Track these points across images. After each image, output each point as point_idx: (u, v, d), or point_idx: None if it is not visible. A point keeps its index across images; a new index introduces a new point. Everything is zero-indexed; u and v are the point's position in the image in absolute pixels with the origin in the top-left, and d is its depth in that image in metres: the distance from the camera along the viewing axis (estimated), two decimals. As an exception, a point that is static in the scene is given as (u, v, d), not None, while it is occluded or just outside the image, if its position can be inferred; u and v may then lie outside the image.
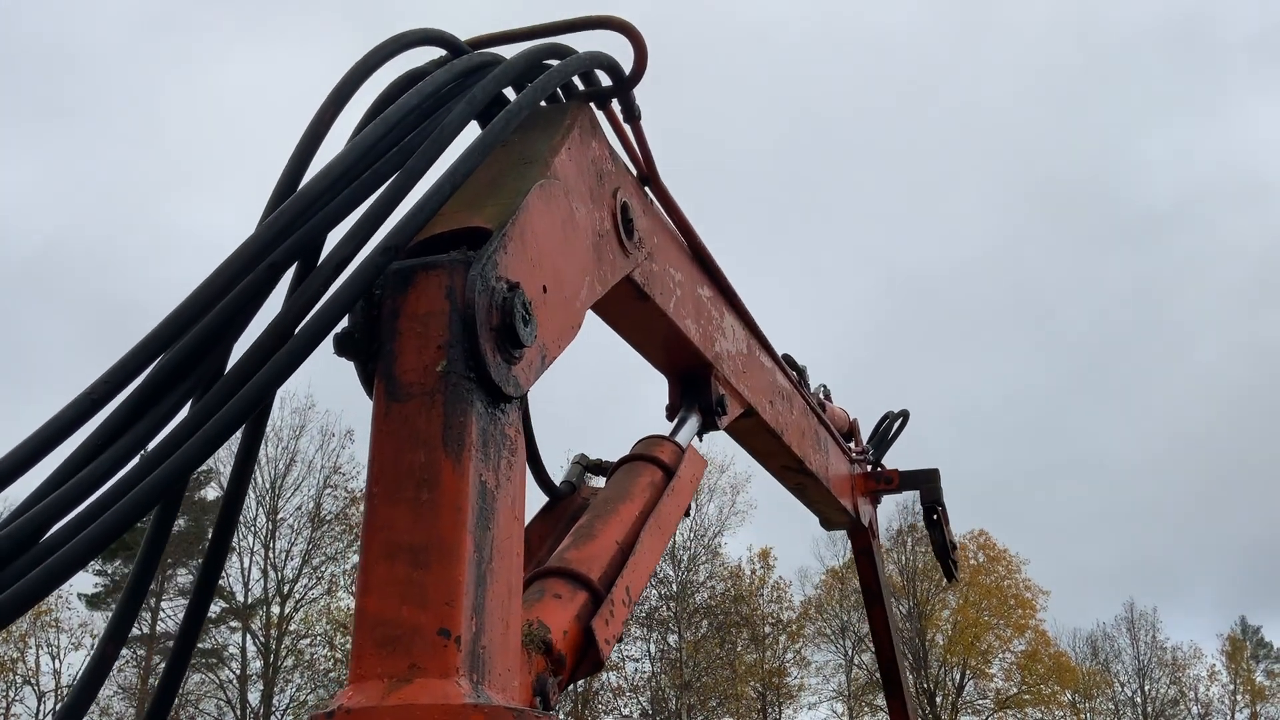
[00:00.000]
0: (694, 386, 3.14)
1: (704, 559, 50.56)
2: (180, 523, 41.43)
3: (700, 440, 3.16)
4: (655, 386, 3.33)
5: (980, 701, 54.40)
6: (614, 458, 2.91)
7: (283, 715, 38.47)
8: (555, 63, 2.34)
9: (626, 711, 47.66)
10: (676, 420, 3.08)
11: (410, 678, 1.54)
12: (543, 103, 2.40)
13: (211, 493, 40.41)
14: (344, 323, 1.77)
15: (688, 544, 50.32)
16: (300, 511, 40.66)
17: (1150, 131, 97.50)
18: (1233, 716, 62.40)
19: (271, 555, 39.75)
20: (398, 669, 1.56)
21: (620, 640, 2.42)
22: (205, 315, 1.72)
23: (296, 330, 1.72)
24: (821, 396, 4.92)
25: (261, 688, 39.25)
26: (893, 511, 53.79)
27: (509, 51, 2.33)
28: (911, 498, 5.51)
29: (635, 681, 48.16)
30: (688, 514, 2.84)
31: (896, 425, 5.35)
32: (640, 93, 2.53)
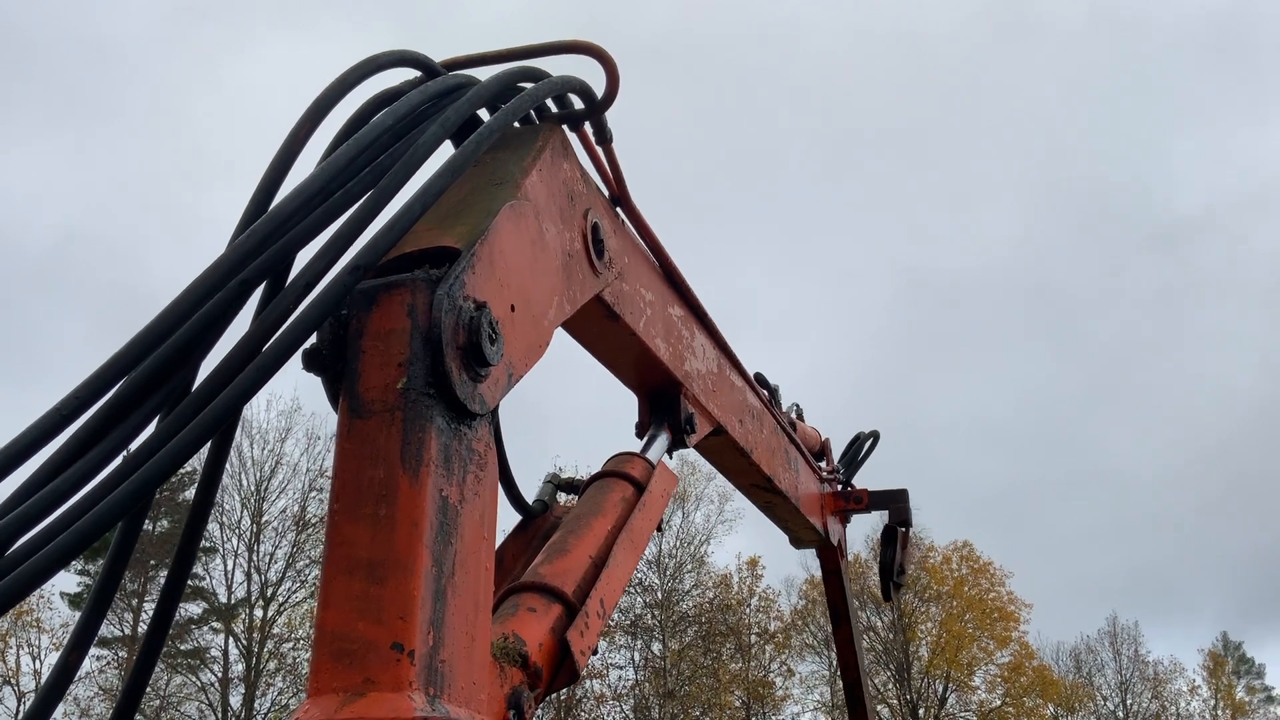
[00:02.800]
0: (663, 404, 3.17)
1: (690, 567, 50.54)
2: (164, 524, 41.45)
3: (670, 458, 3.20)
4: (626, 403, 3.38)
5: (963, 714, 54.44)
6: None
7: (264, 718, 38.33)
8: (529, 85, 2.37)
9: (610, 719, 47.62)
10: (646, 438, 3.11)
11: (364, 691, 1.57)
12: (516, 124, 2.44)
13: (194, 494, 40.35)
14: (313, 339, 1.80)
15: (674, 552, 50.30)
16: (285, 515, 40.59)
17: (1184, 136, 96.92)
18: None
19: (255, 558, 39.66)
20: (352, 683, 1.58)
21: (595, 652, 2.45)
22: (175, 332, 1.75)
23: (265, 347, 1.74)
24: (793, 416, 4.96)
25: (243, 690, 39.11)
26: (876, 520, 53.71)
27: (484, 74, 2.36)
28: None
29: (619, 689, 48.09)
30: (660, 529, 2.88)
31: (867, 445, 5.39)
32: (612, 115, 2.57)
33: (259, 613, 39.74)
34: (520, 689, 1.99)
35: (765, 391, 4.42)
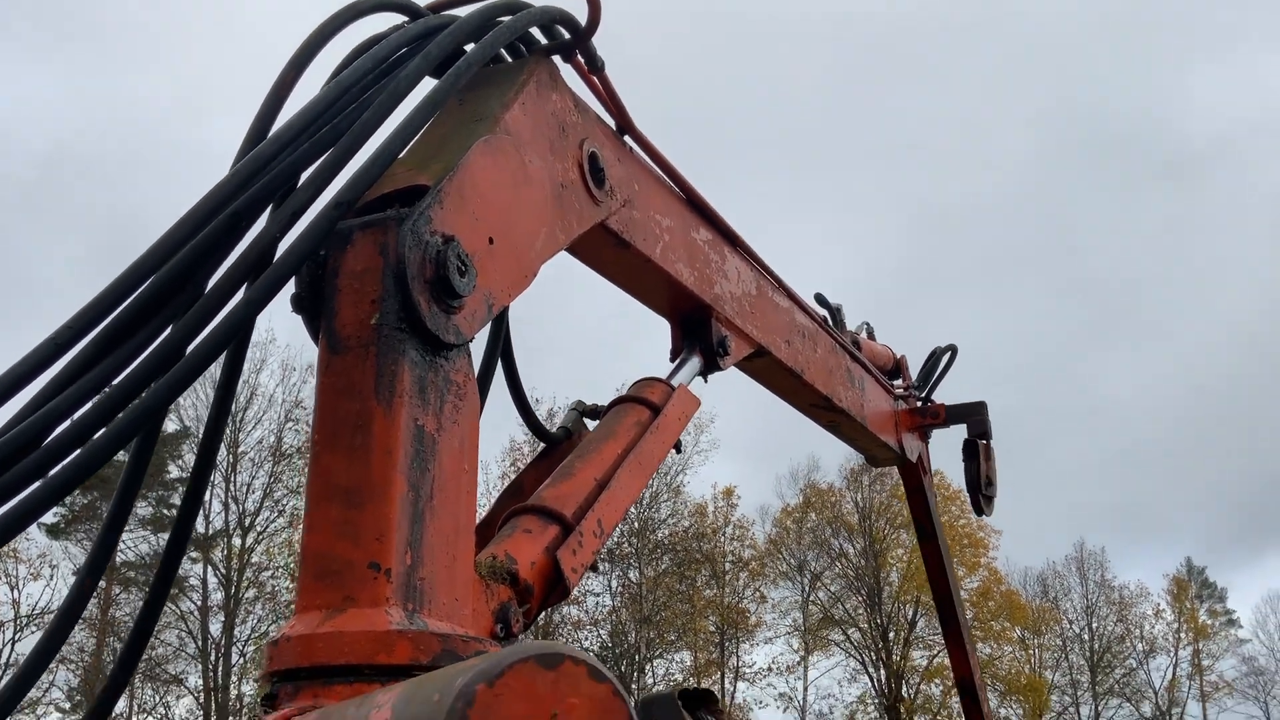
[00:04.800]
0: (694, 329, 3.18)
1: (666, 496, 50.94)
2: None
3: (705, 381, 3.22)
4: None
5: (932, 636, 55.41)
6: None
7: (244, 646, 38.76)
8: (508, 18, 2.37)
9: (587, 644, 48.31)
10: (677, 363, 3.14)
11: (344, 608, 1.67)
12: (508, 59, 2.47)
13: (171, 425, 40.28)
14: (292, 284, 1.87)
15: (650, 481, 50.66)
16: (261, 445, 40.67)
17: (1200, 65, 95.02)
18: (1176, 653, 63.56)
19: (232, 489, 39.78)
20: (333, 600, 1.69)
21: (596, 569, 2.52)
22: (171, 259, 1.81)
23: (260, 278, 1.82)
24: (864, 335, 4.94)
25: (223, 619, 39.47)
26: (849, 451, 54.29)
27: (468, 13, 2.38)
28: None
29: (596, 615, 48.66)
30: (678, 449, 2.90)
31: (945, 360, 5.32)
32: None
33: (237, 542, 40.00)
34: (508, 605, 2.06)
35: (825, 311, 4.43)
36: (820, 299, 4.48)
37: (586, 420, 3.02)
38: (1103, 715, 61.97)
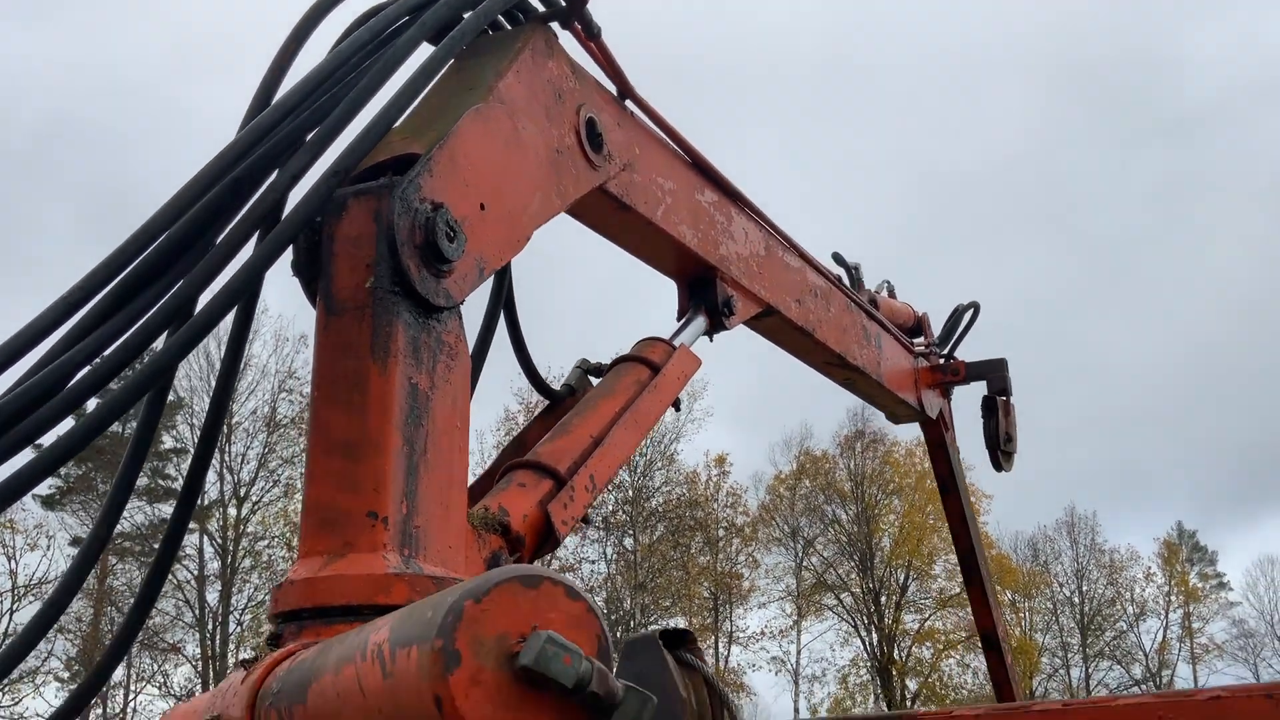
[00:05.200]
0: (700, 289, 3.23)
1: (660, 464, 51.08)
2: (134, 425, 41.28)
3: (711, 340, 3.28)
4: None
5: (923, 600, 55.69)
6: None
7: (241, 615, 39.01)
8: None
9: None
10: (681, 322, 3.19)
11: (344, 553, 1.78)
12: (507, 26, 2.54)
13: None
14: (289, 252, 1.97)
15: (644, 450, 50.86)
16: (255, 416, 40.75)
17: (1200, 25, 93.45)
18: (1166, 616, 63.77)
19: (227, 459, 39.87)
20: (334, 546, 1.79)
21: (588, 522, 2.57)
22: (178, 221, 1.90)
23: (266, 240, 1.91)
24: (884, 293, 4.99)
25: (220, 588, 39.68)
26: (842, 418, 54.42)
27: None
28: (860, 406, 5.61)
29: (591, 582, 48.91)
30: (676, 406, 2.96)
31: (967, 318, 5.35)
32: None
33: (232, 512, 40.16)
34: (499, 553, 2.16)
35: (843, 270, 4.49)
36: (837, 258, 4.52)
37: (591, 378, 3.08)
38: (1093, 677, 62.15)
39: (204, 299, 1.90)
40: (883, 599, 53.49)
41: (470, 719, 1.02)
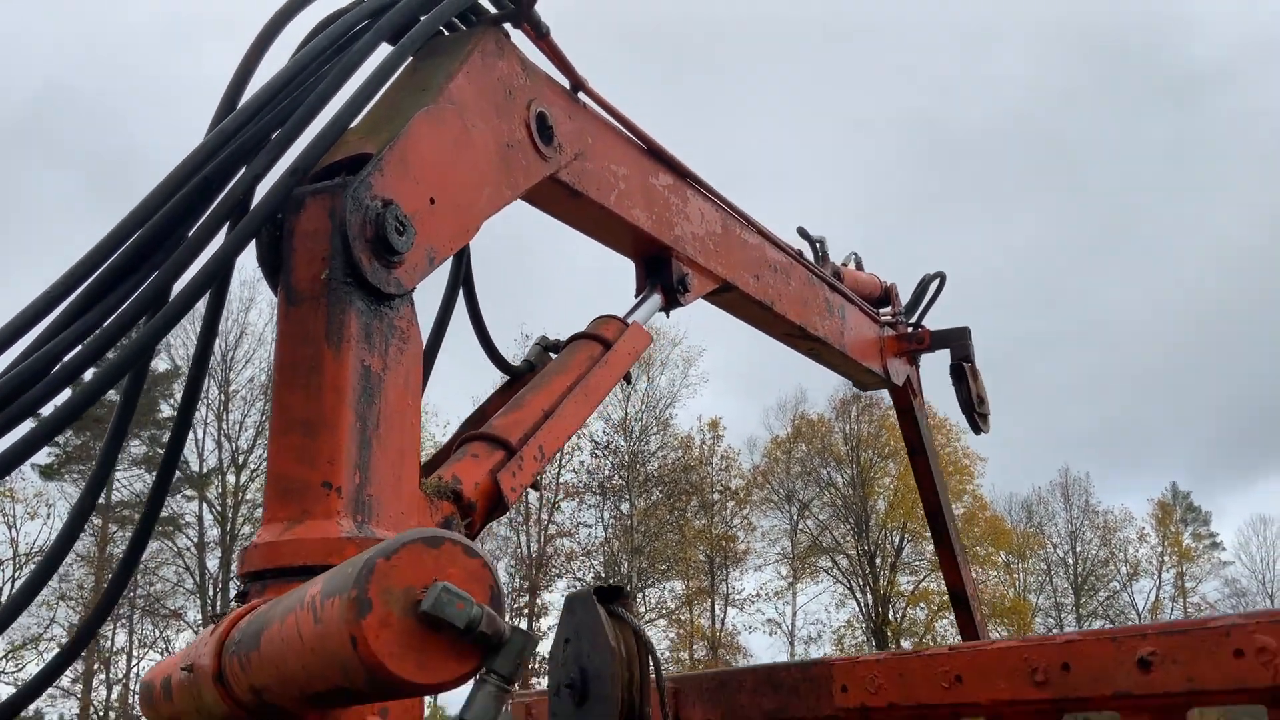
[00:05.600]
0: (656, 268, 3.38)
1: (655, 430, 51.24)
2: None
3: (668, 315, 3.43)
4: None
5: (917, 562, 56.02)
6: None
7: (241, 581, 39.39)
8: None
9: (581, 575, 48.92)
10: (637, 300, 3.33)
11: (302, 520, 1.98)
12: (463, 27, 2.69)
13: (161, 364, 40.53)
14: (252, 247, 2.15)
15: (639, 415, 50.99)
16: (252, 384, 40.98)
17: None
18: (1159, 576, 64.18)
19: (225, 426, 40.14)
20: (293, 514, 1.99)
21: (537, 487, 2.74)
22: (151, 218, 2.08)
23: (226, 235, 2.10)
24: (851, 265, 5.14)
25: (219, 554, 40.06)
26: (838, 382, 54.58)
27: None
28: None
29: (589, 546, 49.15)
30: (628, 380, 3.13)
31: (933, 288, 5.51)
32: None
33: (231, 479, 40.48)
34: (451, 518, 2.34)
35: (809, 244, 4.62)
36: (802, 232, 4.66)
37: (551, 354, 3.22)
38: None
39: (179, 287, 2.09)
40: (878, 561, 53.90)
41: (379, 655, 1.23)
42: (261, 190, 2.15)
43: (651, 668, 2.19)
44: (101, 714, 40.98)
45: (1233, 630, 1.55)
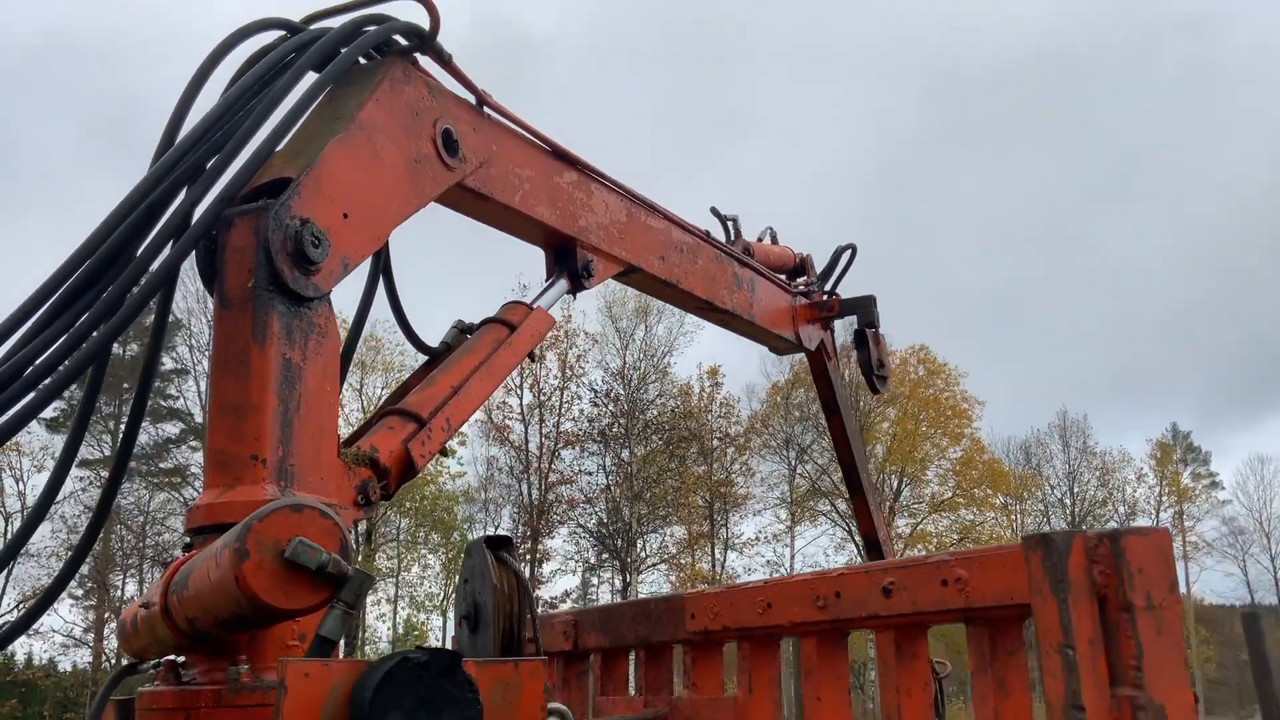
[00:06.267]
0: (563, 255, 3.74)
1: (653, 378, 51.54)
2: (134, 348, 42.52)
3: (574, 298, 3.81)
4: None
5: (916, 505, 56.54)
6: None
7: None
8: (374, 28, 3.00)
9: (583, 522, 49.52)
10: (544, 285, 3.70)
11: (234, 486, 2.43)
12: (378, 57, 3.07)
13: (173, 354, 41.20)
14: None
15: (637, 364, 51.34)
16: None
17: None
18: (1157, 515, 64.45)
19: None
20: (227, 481, 2.44)
21: (445, 454, 3.14)
22: (105, 240, 2.52)
23: (169, 251, 2.54)
24: (766, 240, 5.52)
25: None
26: (839, 331, 54.80)
27: (340, 20, 3.00)
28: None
29: (590, 494, 49.67)
30: (531, 358, 3.51)
31: (845, 259, 5.87)
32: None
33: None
34: (368, 482, 2.79)
35: (721, 222, 5.02)
36: (714, 211, 5.05)
37: (467, 335, 3.58)
38: None
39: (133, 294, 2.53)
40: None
41: (255, 589, 1.70)
42: (199, 211, 2.59)
43: (528, 605, 2.66)
44: (113, 660, 42.01)
45: (940, 565, 2.00)
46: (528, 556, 46.75)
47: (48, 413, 43.56)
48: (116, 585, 34.27)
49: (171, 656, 2.30)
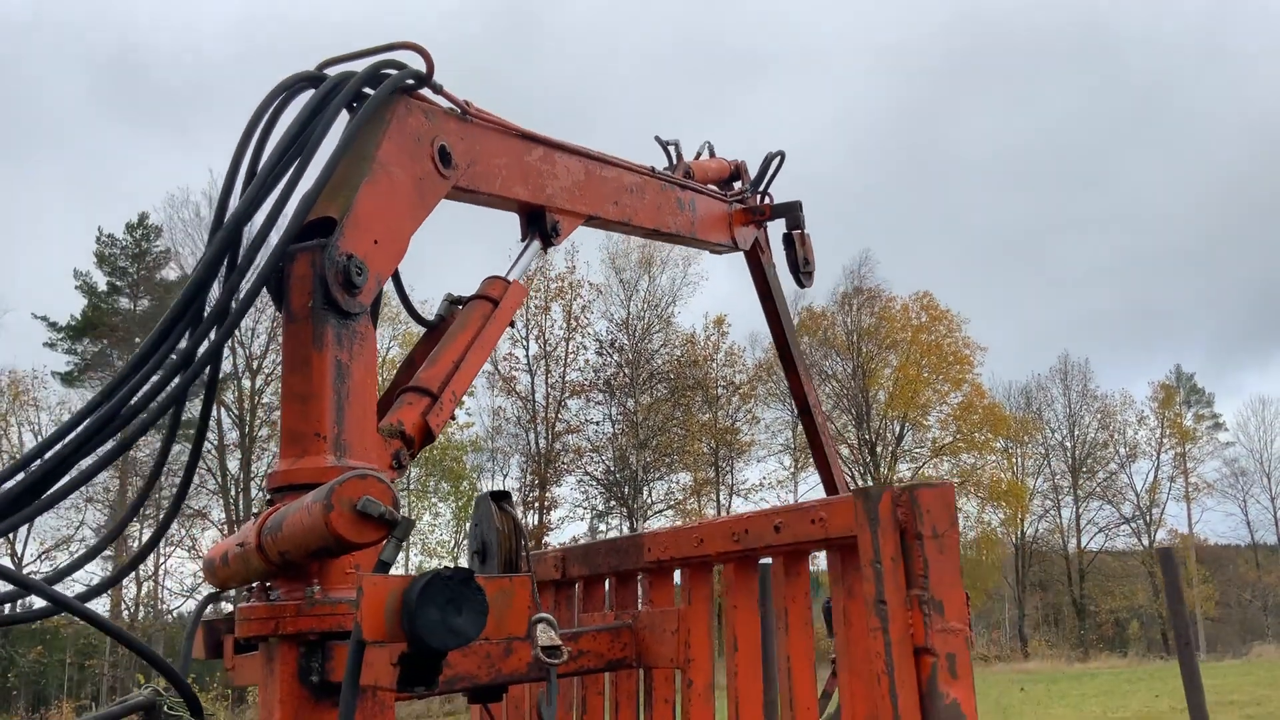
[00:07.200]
0: (535, 220, 4.26)
1: (658, 328, 52.00)
2: (144, 303, 43.27)
3: (545, 253, 4.32)
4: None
5: (918, 450, 56.99)
6: None
7: (261, 480, 41.18)
8: (392, 71, 3.68)
9: (591, 469, 50.31)
10: (518, 253, 4.24)
11: (303, 455, 3.23)
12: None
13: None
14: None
15: (641, 314, 51.92)
16: (263, 293, 42.11)
17: None
18: (1158, 456, 63.75)
19: (239, 334, 41.45)
20: (297, 452, 3.23)
21: (454, 419, 3.73)
22: (195, 298, 3.27)
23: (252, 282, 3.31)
24: (705, 155, 6.06)
25: (239, 455, 41.77)
26: (838, 276, 55.29)
27: (359, 63, 3.53)
28: (853, 273, 6.38)
29: (597, 442, 50.37)
30: (512, 325, 4.02)
31: (774, 165, 6.33)
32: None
33: (246, 384, 42.05)
34: (400, 451, 3.56)
35: (664, 148, 5.64)
36: (657, 139, 5.64)
37: (458, 307, 4.04)
38: (1083, 516, 62.95)
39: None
40: (878, 449, 55.15)
41: (338, 529, 2.50)
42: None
43: (524, 545, 3.50)
44: (131, 610, 43.17)
45: (809, 509, 2.83)
46: (535, 504, 47.72)
47: (59, 366, 44.35)
48: (133, 535, 35.31)
49: (255, 584, 3.14)
